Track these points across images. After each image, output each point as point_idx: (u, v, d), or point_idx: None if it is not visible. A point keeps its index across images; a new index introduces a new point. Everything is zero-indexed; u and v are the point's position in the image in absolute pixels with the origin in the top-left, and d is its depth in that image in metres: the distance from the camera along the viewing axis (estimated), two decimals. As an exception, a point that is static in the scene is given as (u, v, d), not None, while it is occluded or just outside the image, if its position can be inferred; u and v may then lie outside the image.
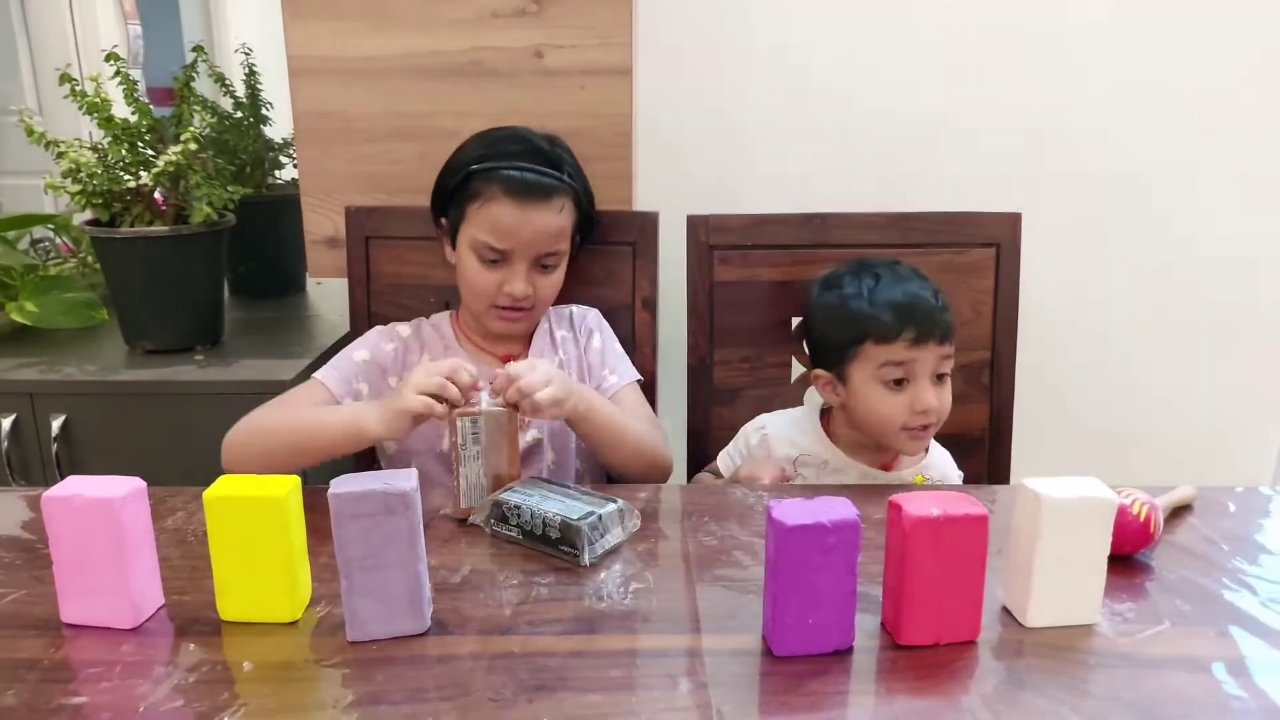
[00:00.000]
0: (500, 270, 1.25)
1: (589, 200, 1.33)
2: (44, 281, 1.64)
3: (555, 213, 1.25)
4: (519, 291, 1.24)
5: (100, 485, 0.82)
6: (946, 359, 1.20)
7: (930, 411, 1.18)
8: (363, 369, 1.28)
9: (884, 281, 1.21)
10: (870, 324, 1.18)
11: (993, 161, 1.72)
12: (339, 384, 1.24)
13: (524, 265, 1.25)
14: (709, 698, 0.75)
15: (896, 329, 1.17)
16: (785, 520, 0.77)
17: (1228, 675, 0.78)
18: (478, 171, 1.25)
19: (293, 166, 1.85)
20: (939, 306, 1.20)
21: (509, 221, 1.23)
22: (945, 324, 1.19)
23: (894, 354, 1.18)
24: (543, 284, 1.27)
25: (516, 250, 1.24)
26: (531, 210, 1.23)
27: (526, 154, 1.26)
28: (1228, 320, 1.80)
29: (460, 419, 1.05)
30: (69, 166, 1.45)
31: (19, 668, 0.79)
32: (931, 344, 1.18)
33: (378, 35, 1.48)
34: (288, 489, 0.83)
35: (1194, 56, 1.68)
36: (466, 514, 1.05)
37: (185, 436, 1.44)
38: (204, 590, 0.88)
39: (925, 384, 1.18)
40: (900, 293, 1.19)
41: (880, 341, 1.18)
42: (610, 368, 1.32)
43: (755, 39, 1.68)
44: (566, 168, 1.29)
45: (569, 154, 1.32)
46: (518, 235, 1.23)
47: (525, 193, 1.23)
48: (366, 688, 0.76)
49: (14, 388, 1.46)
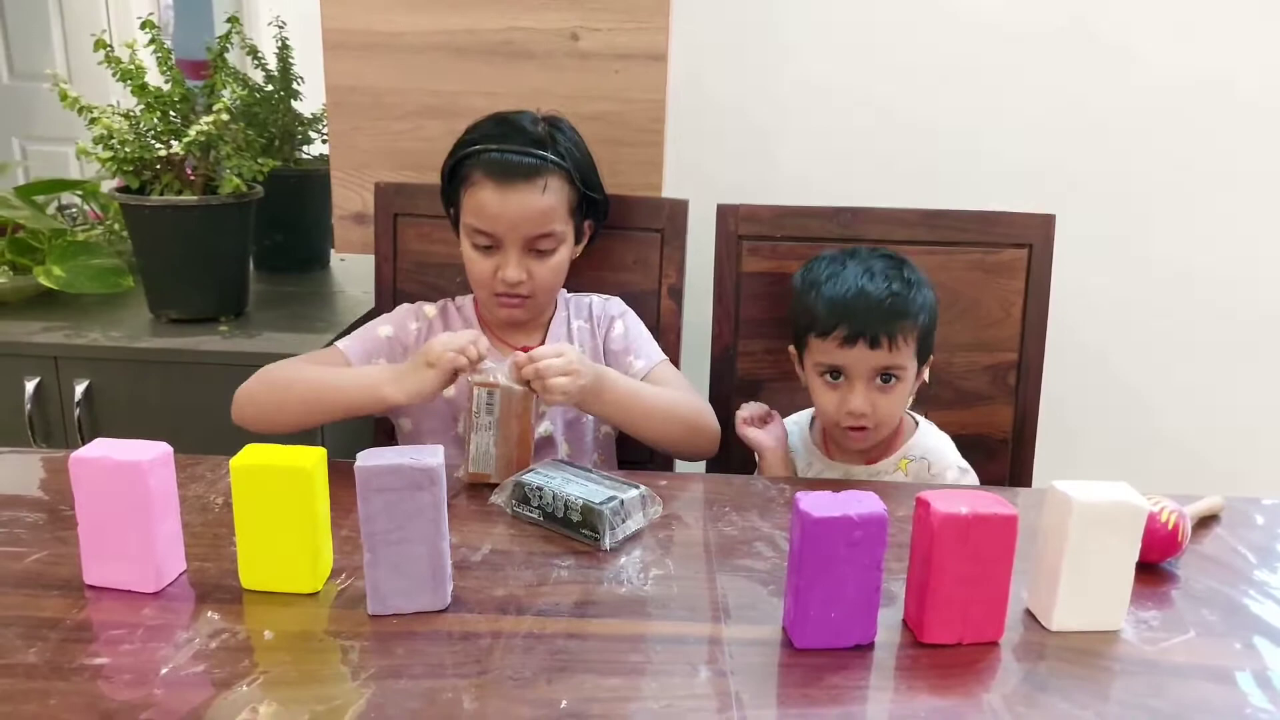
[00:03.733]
0: (494, 256, 1.24)
1: (587, 179, 1.29)
2: (71, 247, 1.64)
3: (539, 193, 1.22)
4: (512, 277, 1.23)
5: (128, 449, 0.83)
6: (889, 367, 1.16)
7: (858, 414, 1.16)
8: (385, 345, 1.27)
9: (843, 274, 1.19)
10: (810, 315, 1.19)
11: (1025, 164, 1.70)
12: (359, 355, 1.24)
13: (515, 250, 1.23)
14: (728, 686, 0.75)
15: (830, 326, 1.16)
16: (812, 512, 0.76)
17: (1253, 686, 0.77)
18: (465, 157, 1.25)
19: (322, 142, 1.85)
20: (886, 309, 1.15)
21: (492, 204, 1.22)
22: (888, 328, 1.15)
23: (829, 349, 1.17)
24: (539, 270, 1.25)
25: (505, 234, 1.23)
26: (512, 192, 1.22)
27: (511, 136, 1.25)
28: (1261, 327, 1.78)
29: (478, 388, 1.07)
30: (101, 133, 1.45)
31: (41, 626, 0.79)
32: (862, 346, 1.15)
33: (414, 12, 1.47)
34: (314, 460, 0.83)
35: (1233, 56, 1.66)
36: (475, 480, 1.08)
37: (207, 406, 1.44)
38: (225, 558, 0.88)
39: (859, 385, 1.17)
40: (846, 288, 1.17)
41: (818, 335, 1.18)
42: (635, 353, 1.31)
43: (791, 31, 1.67)
44: (556, 147, 1.26)
45: (568, 133, 1.30)
46: (502, 218, 1.22)
47: (505, 174, 1.22)
48: (385, 661, 0.76)
49: (39, 351, 1.47)
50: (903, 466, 1.24)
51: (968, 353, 1.40)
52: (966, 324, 1.39)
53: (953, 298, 1.38)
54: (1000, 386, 1.40)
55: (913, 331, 1.17)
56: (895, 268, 1.20)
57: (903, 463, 1.24)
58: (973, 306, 1.39)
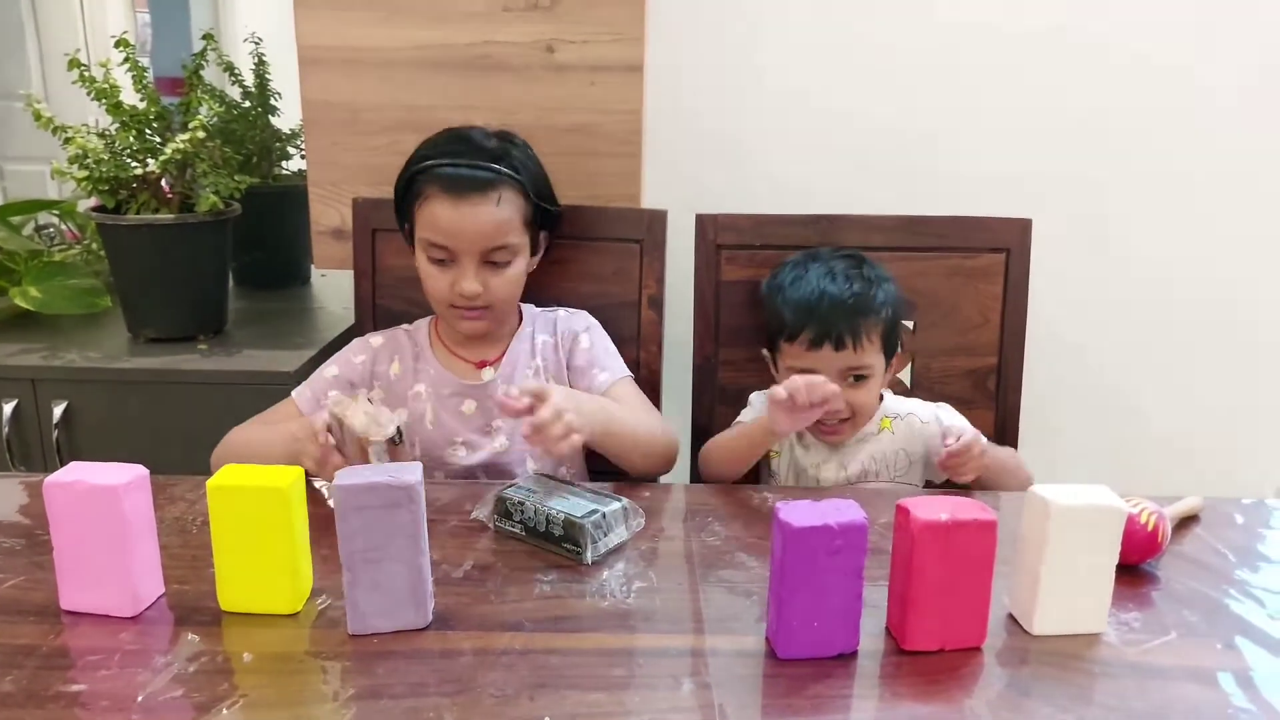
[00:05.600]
0: (450, 270, 1.25)
1: (540, 191, 1.30)
2: (48, 267, 1.63)
3: (493, 205, 1.23)
4: (468, 290, 1.23)
5: (103, 472, 0.82)
6: (856, 367, 1.20)
7: (833, 412, 1.18)
8: (333, 384, 1.28)
9: (805, 278, 1.23)
10: (777, 321, 1.22)
11: (1002, 167, 1.71)
12: (308, 402, 1.26)
13: (471, 263, 1.24)
14: (712, 698, 0.74)
15: (797, 329, 1.20)
16: (792, 521, 0.76)
17: (1235, 687, 0.77)
18: (418, 172, 1.25)
19: (299, 157, 1.85)
20: (849, 309, 1.19)
21: (446, 217, 1.22)
22: (852, 328, 1.18)
23: (798, 353, 1.21)
24: (495, 282, 1.25)
25: (460, 248, 1.23)
26: (466, 205, 1.22)
27: (464, 151, 1.26)
28: (1238, 328, 1.79)
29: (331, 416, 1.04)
30: (76, 152, 1.45)
31: (17, 654, 0.78)
32: (828, 348, 1.18)
33: (388, 26, 1.47)
34: (291, 479, 0.82)
35: (1206, 59, 1.67)
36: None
37: (187, 425, 1.44)
38: (204, 580, 0.88)
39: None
40: (809, 290, 1.21)
41: (787, 340, 1.22)
42: (600, 366, 1.31)
43: (767, 40, 1.68)
44: (510, 160, 1.27)
45: (521, 147, 1.31)
46: (457, 231, 1.23)
47: (459, 188, 1.22)
48: (366, 681, 0.76)
49: (16, 373, 1.45)
50: (885, 424, 1.27)
51: (947, 358, 1.41)
52: (946, 329, 1.40)
53: (931, 303, 1.39)
54: (981, 391, 1.41)
55: (877, 328, 1.21)
56: (855, 267, 1.24)
57: (884, 421, 1.27)
58: (951, 312, 1.40)
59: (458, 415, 1.28)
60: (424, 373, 1.30)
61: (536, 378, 1.31)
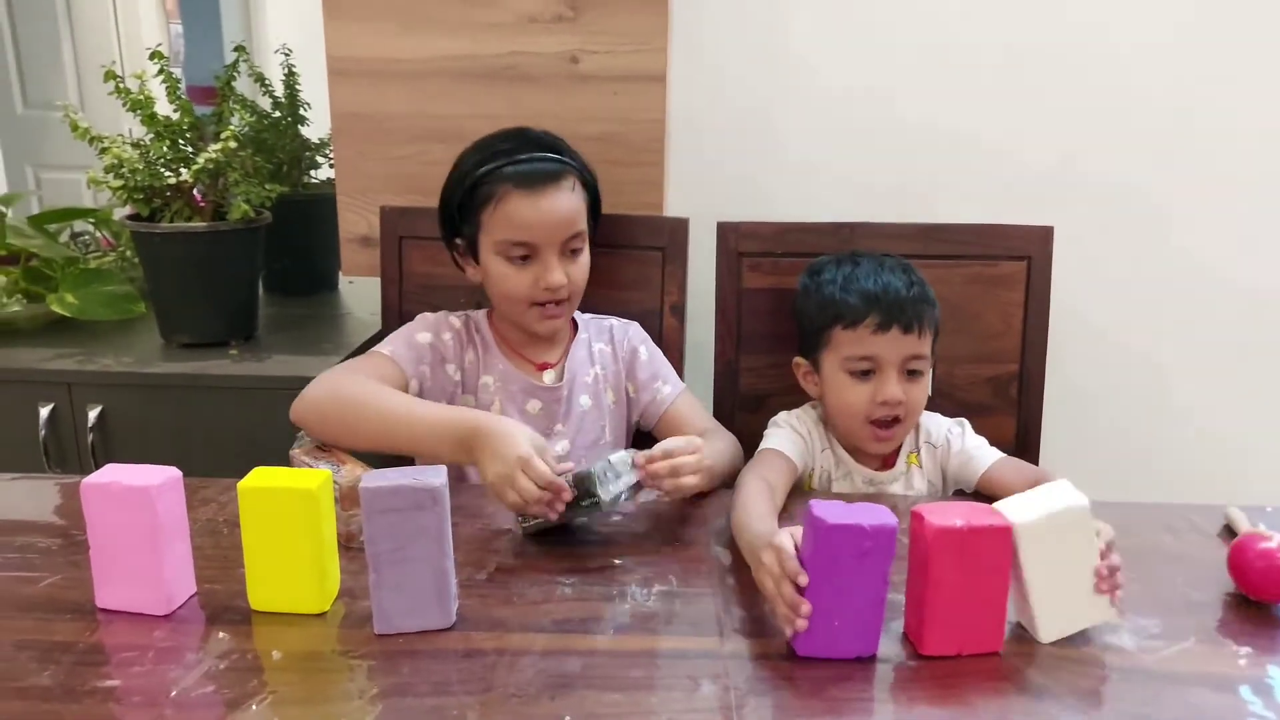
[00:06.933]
0: (532, 267, 1.25)
1: (594, 179, 1.32)
2: (84, 274, 1.67)
3: (569, 192, 1.25)
4: (556, 281, 1.24)
5: (137, 474, 0.84)
6: (917, 357, 1.19)
7: (894, 403, 1.17)
8: (427, 352, 1.27)
9: (861, 269, 1.23)
10: (838, 307, 1.20)
11: (1025, 176, 1.71)
12: (410, 364, 1.24)
13: (553, 255, 1.25)
14: (730, 700, 0.75)
15: (862, 313, 1.18)
16: (825, 518, 0.77)
17: (1253, 696, 0.77)
18: (483, 175, 1.25)
19: (329, 166, 1.88)
20: (912, 298, 1.19)
21: (528, 213, 1.23)
22: (917, 314, 1.18)
23: (860, 339, 1.18)
24: (574, 272, 1.27)
25: (542, 240, 1.24)
26: (545, 197, 1.23)
27: (524, 146, 1.27)
28: (1259, 336, 1.78)
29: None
30: (111, 162, 1.48)
31: (54, 650, 0.81)
32: (896, 330, 1.17)
33: (416, 38, 1.50)
34: (319, 482, 0.84)
35: (1230, 74, 1.66)
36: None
37: (218, 429, 1.47)
38: (235, 580, 0.90)
39: (891, 375, 1.18)
40: (872, 280, 1.20)
41: (847, 327, 1.19)
42: (662, 378, 1.34)
43: (789, 49, 1.68)
44: (567, 150, 1.29)
45: (561, 140, 1.32)
46: (540, 225, 1.23)
47: (535, 181, 1.23)
48: (392, 680, 0.78)
49: (52, 377, 1.49)
50: (912, 460, 1.26)
51: (969, 365, 1.41)
52: (967, 336, 1.40)
53: (953, 311, 1.39)
54: (1002, 398, 1.41)
55: (932, 322, 1.21)
56: (904, 268, 1.24)
57: (910, 457, 1.26)
58: (973, 319, 1.40)
59: (523, 413, 1.29)
60: (493, 366, 1.30)
61: (595, 385, 1.32)
